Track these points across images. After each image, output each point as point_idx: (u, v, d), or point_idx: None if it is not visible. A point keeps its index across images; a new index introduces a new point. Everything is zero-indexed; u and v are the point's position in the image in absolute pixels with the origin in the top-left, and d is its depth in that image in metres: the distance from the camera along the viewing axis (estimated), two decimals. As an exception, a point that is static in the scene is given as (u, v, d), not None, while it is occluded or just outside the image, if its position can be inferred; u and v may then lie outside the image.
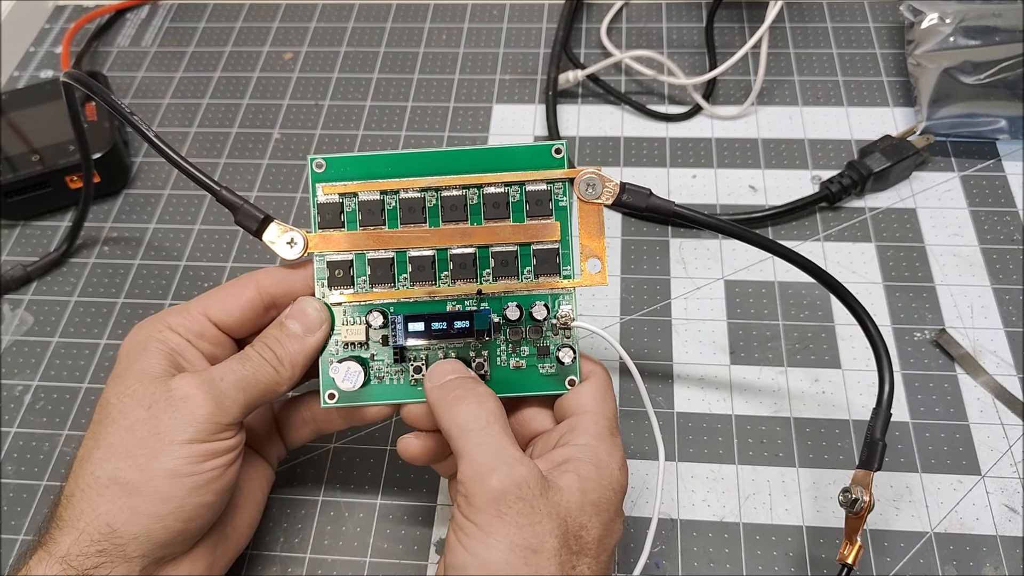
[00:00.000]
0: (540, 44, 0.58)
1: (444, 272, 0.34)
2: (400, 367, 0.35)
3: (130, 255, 0.49)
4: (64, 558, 0.30)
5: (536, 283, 0.34)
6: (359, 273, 0.34)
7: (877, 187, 0.48)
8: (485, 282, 0.34)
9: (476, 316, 0.33)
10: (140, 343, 0.33)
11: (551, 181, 0.34)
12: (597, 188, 0.34)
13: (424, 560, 0.37)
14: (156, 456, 0.31)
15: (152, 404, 0.31)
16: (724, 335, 0.43)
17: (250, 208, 0.34)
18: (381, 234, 0.34)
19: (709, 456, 0.40)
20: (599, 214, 0.35)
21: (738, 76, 0.55)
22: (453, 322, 0.33)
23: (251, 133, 0.55)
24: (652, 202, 0.35)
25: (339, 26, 0.61)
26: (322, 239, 0.34)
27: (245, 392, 0.32)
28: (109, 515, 0.30)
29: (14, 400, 0.44)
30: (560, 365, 0.34)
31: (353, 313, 0.34)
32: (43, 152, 0.50)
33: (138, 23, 0.62)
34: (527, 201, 0.34)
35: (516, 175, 0.34)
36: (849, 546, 0.32)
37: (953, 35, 0.49)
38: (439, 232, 0.34)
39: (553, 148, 0.34)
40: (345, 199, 0.35)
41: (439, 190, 0.34)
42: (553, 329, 0.34)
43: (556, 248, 0.34)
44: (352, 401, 0.35)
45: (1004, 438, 0.39)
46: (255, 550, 0.38)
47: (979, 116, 0.48)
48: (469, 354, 0.35)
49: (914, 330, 0.43)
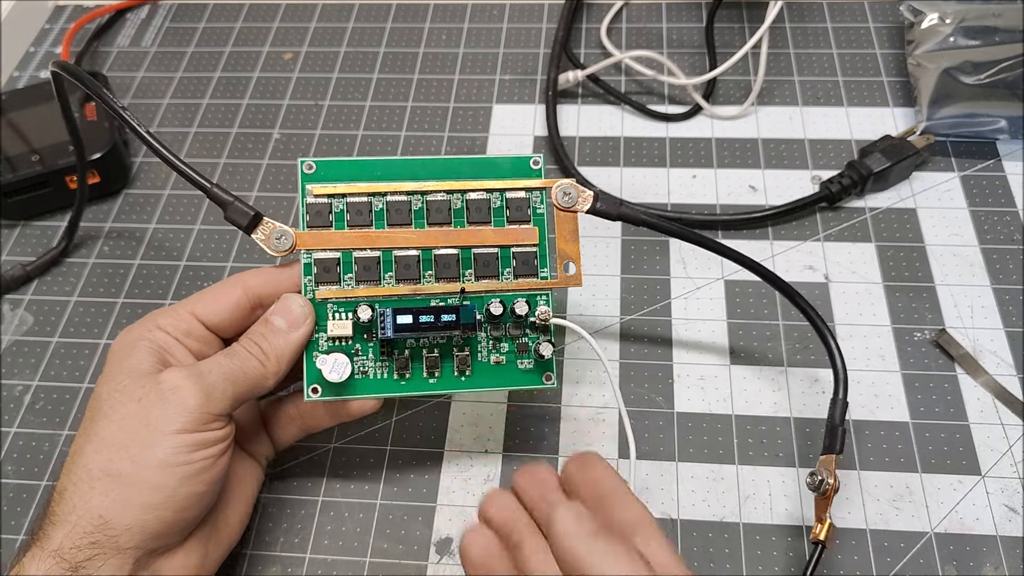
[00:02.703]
0: (540, 44, 0.58)
1: (428, 272, 0.36)
2: (384, 361, 0.35)
3: (130, 255, 0.49)
4: (56, 552, 0.30)
5: (515, 283, 0.36)
6: (346, 271, 0.35)
7: (877, 187, 0.48)
8: (467, 281, 0.36)
9: (462, 310, 0.35)
10: (129, 343, 0.34)
11: (530, 190, 0.37)
12: (572, 196, 0.37)
13: (424, 560, 0.37)
14: (148, 447, 0.31)
15: (142, 397, 0.32)
16: (724, 335, 0.43)
17: (240, 205, 0.35)
18: (368, 234, 0.36)
19: (709, 456, 0.40)
20: (574, 221, 0.37)
21: (738, 76, 0.55)
22: (440, 315, 0.34)
23: (251, 133, 0.55)
24: (623, 210, 0.37)
25: (339, 26, 0.61)
26: (310, 237, 0.35)
27: (233, 385, 0.33)
28: (102, 507, 0.30)
29: (14, 400, 0.44)
30: (539, 359, 0.36)
31: (339, 309, 0.35)
32: (43, 152, 0.50)
33: (138, 23, 0.62)
34: (507, 207, 0.36)
35: (497, 183, 0.36)
36: (820, 526, 0.34)
37: (953, 35, 0.49)
38: (424, 234, 0.36)
39: (531, 160, 0.37)
40: (334, 200, 0.36)
41: (425, 194, 0.36)
42: (532, 327, 0.36)
43: (535, 251, 0.36)
44: (336, 394, 0.35)
45: (1004, 438, 0.39)
46: (255, 550, 0.38)
47: (979, 116, 0.48)
48: (452, 350, 0.36)
49: (914, 330, 0.43)
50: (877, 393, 0.41)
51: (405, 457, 0.40)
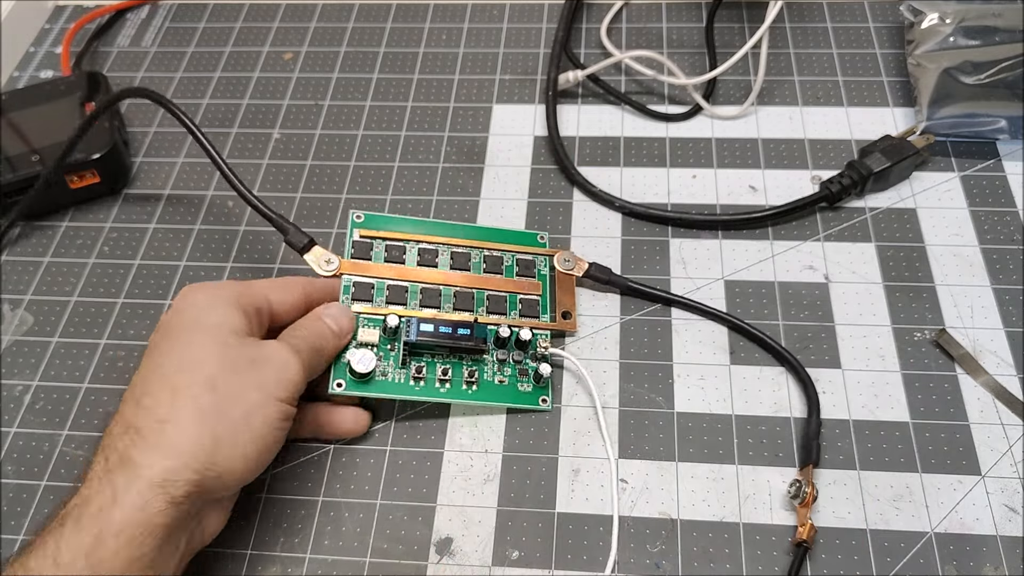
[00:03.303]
0: (540, 44, 0.58)
1: (447, 304, 0.42)
2: (402, 369, 0.40)
3: (130, 255, 0.49)
4: (161, 484, 0.31)
5: (520, 321, 0.42)
6: (378, 294, 0.42)
7: (877, 187, 0.48)
8: (480, 314, 0.42)
9: (476, 327, 0.40)
10: (216, 301, 0.36)
11: (536, 255, 0.45)
12: (571, 263, 0.45)
13: (424, 560, 0.37)
14: (262, 406, 0.34)
15: (255, 359, 0.35)
16: (724, 335, 0.43)
17: (299, 232, 0.41)
18: (400, 268, 0.43)
19: (709, 456, 0.40)
20: (572, 281, 0.45)
21: (738, 76, 0.55)
22: (457, 328, 0.40)
23: (251, 133, 0.55)
24: (612, 277, 0.45)
25: (339, 26, 0.61)
26: (352, 265, 0.42)
27: (312, 372, 0.37)
28: (210, 443, 0.32)
29: (14, 400, 0.44)
30: (538, 378, 0.41)
31: (368, 323, 0.41)
32: (43, 152, 0.50)
33: (138, 23, 0.62)
34: (517, 264, 0.44)
35: (510, 246, 0.45)
36: (802, 528, 0.36)
37: (953, 35, 0.49)
38: (446, 274, 0.43)
39: (539, 236, 0.46)
40: (375, 241, 0.43)
41: (450, 246, 0.44)
42: (532, 357, 0.42)
43: (537, 299, 0.43)
44: (357, 391, 0.39)
45: (1004, 438, 0.39)
46: (255, 550, 0.38)
47: (979, 116, 0.48)
48: (462, 367, 0.41)
49: (914, 330, 0.43)
50: (877, 393, 0.41)
51: (405, 457, 0.40)
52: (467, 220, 0.49)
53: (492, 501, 0.39)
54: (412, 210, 0.50)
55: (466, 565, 0.37)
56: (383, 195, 0.51)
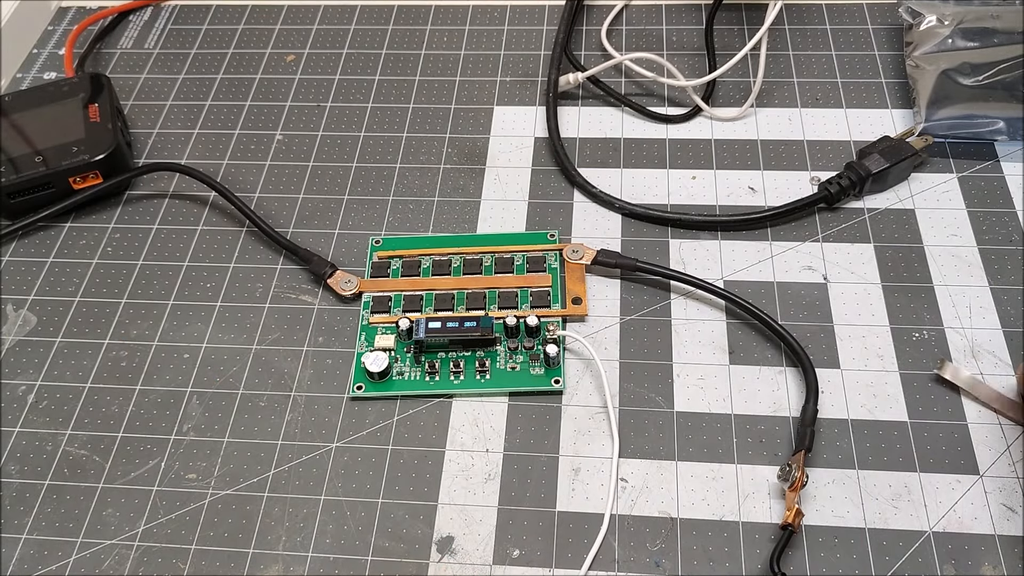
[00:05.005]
0: (541, 46, 0.58)
1: (460, 306, 0.45)
2: (417, 368, 0.43)
3: (133, 256, 0.49)
4: None
5: (531, 311, 0.44)
6: (395, 305, 0.45)
7: (876, 188, 0.48)
8: (492, 309, 0.44)
9: (482, 319, 0.42)
10: None
11: (545, 251, 0.47)
12: (580, 252, 0.46)
13: (425, 559, 0.38)
14: None
15: None
16: (724, 335, 0.44)
17: (322, 260, 0.46)
18: (415, 280, 0.46)
19: (709, 456, 0.40)
20: (581, 269, 0.46)
21: (737, 78, 0.55)
22: (464, 322, 0.42)
23: (253, 135, 0.55)
24: (620, 260, 0.45)
25: (341, 28, 0.61)
26: (370, 283, 0.46)
27: None
28: None
29: (17, 400, 0.44)
30: (548, 360, 0.42)
31: (386, 330, 0.44)
32: (46, 153, 0.50)
33: (141, 25, 0.63)
34: (527, 262, 0.46)
35: (521, 247, 0.47)
36: (789, 512, 0.36)
37: (951, 37, 0.50)
38: (459, 280, 0.46)
39: (548, 234, 0.47)
40: (392, 260, 0.47)
41: (463, 255, 0.46)
42: (543, 341, 0.43)
43: (548, 290, 0.45)
44: (376, 391, 0.42)
45: (1003, 438, 0.39)
46: (257, 549, 0.38)
47: (977, 117, 0.49)
48: (474, 361, 0.42)
49: (912, 330, 0.43)
50: (876, 393, 0.41)
51: (406, 456, 0.41)
52: (468, 221, 0.49)
53: (493, 500, 0.39)
54: (413, 210, 0.50)
55: (467, 563, 0.37)
56: (385, 196, 0.51)
